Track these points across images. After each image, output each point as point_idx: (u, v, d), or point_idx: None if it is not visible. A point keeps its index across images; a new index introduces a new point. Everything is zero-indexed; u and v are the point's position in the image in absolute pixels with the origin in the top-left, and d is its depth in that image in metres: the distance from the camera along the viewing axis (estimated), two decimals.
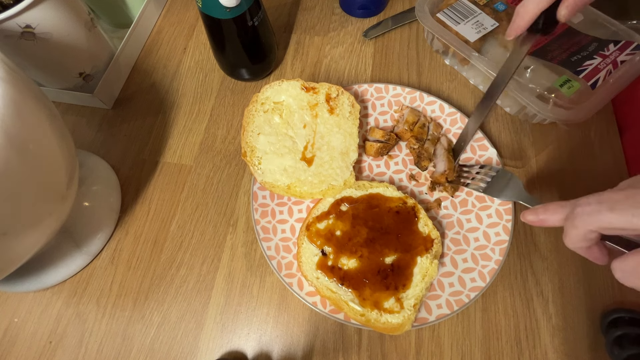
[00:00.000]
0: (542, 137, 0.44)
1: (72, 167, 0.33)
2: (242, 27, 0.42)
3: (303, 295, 0.37)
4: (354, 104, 0.42)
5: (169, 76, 0.52)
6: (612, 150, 0.43)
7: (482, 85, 0.48)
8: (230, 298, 0.39)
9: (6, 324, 0.39)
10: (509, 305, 0.37)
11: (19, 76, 0.28)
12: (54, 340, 0.38)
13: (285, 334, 0.37)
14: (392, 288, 0.35)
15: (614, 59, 0.41)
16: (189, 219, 0.43)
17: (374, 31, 0.53)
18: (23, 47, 0.40)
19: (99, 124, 0.49)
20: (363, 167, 0.44)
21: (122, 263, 0.41)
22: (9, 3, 0.37)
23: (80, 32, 0.44)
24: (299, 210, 0.42)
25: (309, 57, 0.52)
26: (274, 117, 0.41)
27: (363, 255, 0.37)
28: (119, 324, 0.38)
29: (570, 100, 0.40)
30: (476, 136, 0.43)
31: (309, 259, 0.37)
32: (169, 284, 0.40)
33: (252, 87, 0.51)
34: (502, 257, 0.37)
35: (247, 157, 0.40)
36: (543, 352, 0.35)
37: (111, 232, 0.42)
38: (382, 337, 0.37)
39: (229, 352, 0.37)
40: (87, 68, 0.47)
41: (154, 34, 0.56)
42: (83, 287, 0.40)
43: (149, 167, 0.46)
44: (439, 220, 0.40)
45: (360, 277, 0.36)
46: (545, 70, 0.41)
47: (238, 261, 0.41)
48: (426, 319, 0.35)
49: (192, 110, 0.50)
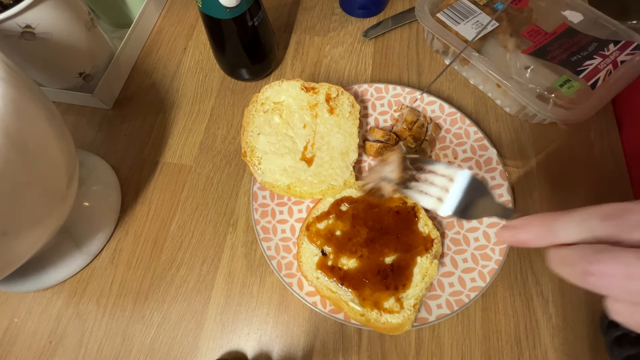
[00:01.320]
0: (542, 137, 0.44)
1: (72, 167, 0.33)
2: (242, 27, 0.42)
3: (303, 295, 0.37)
4: (354, 104, 0.42)
5: (169, 76, 0.52)
6: (612, 150, 0.43)
7: (482, 85, 0.48)
8: (230, 298, 0.39)
9: (6, 324, 0.39)
10: (509, 305, 0.37)
11: (19, 76, 0.28)
12: (54, 340, 0.38)
13: (285, 333, 0.37)
14: (392, 288, 0.35)
15: (614, 59, 0.41)
16: (189, 219, 0.43)
17: (374, 31, 0.53)
18: (23, 47, 0.40)
19: (99, 124, 0.49)
20: (363, 167, 0.44)
21: (122, 263, 0.41)
22: (9, 3, 0.37)
23: (80, 32, 0.44)
24: (299, 210, 0.42)
25: (309, 57, 0.52)
26: (274, 117, 0.41)
27: (363, 255, 0.37)
28: (119, 324, 0.38)
29: (570, 100, 0.40)
30: (476, 136, 0.43)
31: (309, 259, 0.37)
32: (169, 284, 0.40)
33: (252, 87, 0.51)
34: (502, 257, 0.37)
35: (247, 157, 0.40)
36: (543, 352, 0.35)
37: (111, 232, 0.42)
38: (382, 337, 0.37)
39: (229, 352, 0.37)
40: (87, 68, 0.47)
41: (154, 34, 0.56)
42: (83, 287, 0.40)
43: (149, 167, 0.46)
44: (439, 220, 0.40)
45: (360, 277, 0.36)
46: (545, 70, 0.41)
47: (238, 261, 0.41)
48: (426, 319, 0.35)
49: (192, 110, 0.50)
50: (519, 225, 0.20)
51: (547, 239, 0.19)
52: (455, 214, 0.26)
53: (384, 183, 0.31)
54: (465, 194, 0.26)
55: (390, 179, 0.30)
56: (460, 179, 0.26)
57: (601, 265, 0.17)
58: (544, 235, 0.19)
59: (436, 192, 0.27)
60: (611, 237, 0.18)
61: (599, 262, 0.17)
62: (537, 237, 0.20)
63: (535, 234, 0.20)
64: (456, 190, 0.26)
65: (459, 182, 0.26)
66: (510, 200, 0.39)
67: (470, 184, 0.26)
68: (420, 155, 0.32)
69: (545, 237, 0.19)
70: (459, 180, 0.26)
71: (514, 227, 0.21)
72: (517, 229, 0.20)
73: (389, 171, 0.31)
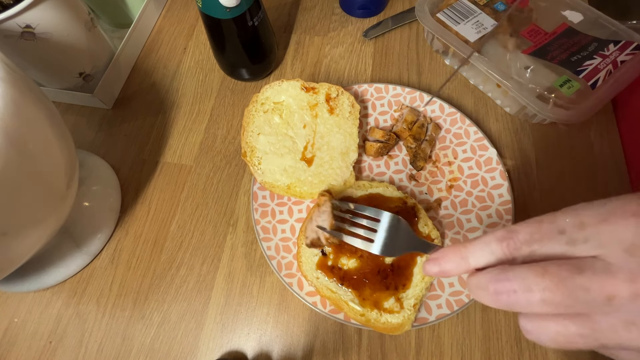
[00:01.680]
0: (542, 137, 0.44)
1: (72, 167, 0.33)
2: (242, 27, 0.42)
3: (303, 295, 0.37)
4: (353, 104, 0.42)
5: (169, 76, 0.52)
6: (612, 150, 0.43)
7: (482, 85, 0.48)
8: (230, 298, 0.39)
9: (6, 324, 0.39)
10: None
11: (19, 76, 0.28)
12: (54, 340, 0.38)
13: (285, 334, 0.37)
14: (392, 288, 0.35)
15: (613, 59, 0.41)
16: (189, 219, 0.43)
17: (374, 31, 0.53)
18: (23, 47, 0.40)
19: (99, 124, 0.49)
20: (363, 167, 0.44)
21: (122, 263, 0.41)
22: (9, 3, 0.37)
23: (80, 32, 0.44)
24: (299, 210, 0.42)
25: (309, 57, 0.52)
26: (273, 117, 0.41)
27: (363, 255, 0.37)
28: (119, 324, 0.38)
29: (570, 100, 0.40)
30: (476, 136, 0.43)
31: (308, 259, 0.37)
32: (169, 284, 0.40)
33: (252, 87, 0.51)
34: None
35: (247, 157, 0.40)
36: (543, 352, 0.35)
37: (111, 232, 0.42)
38: (382, 337, 0.37)
39: (229, 352, 0.37)
40: (87, 68, 0.47)
41: (154, 34, 0.56)
42: (83, 287, 0.40)
43: (149, 167, 0.46)
44: (439, 220, 0.40)
45: (360, 277, 0.36)
46: (545, 70, 0.41)
47: (238, 261, 0.41)
48: (426, 319, 0.35)
49: (192, 110, 0.50)
50: (439, 257, 0.22)
51: (462, 266, 0.21)
52: (382, 253, 0.29)
53: (320, 232, 0.34)
54: (389, 233, 0.30)
55: (324, 227, 0.34)
56: (384, 221, 0.30)
57: (506, 283, 0.18)
58: (459, 263, 0.21)
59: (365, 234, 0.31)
60: (507, 257, 0.20)
61: (504, 280, 0.19)
62: (455, 266, 0.22)
63: (452, 263, 0.22)
64: (381, 231, 0.30)
65: (383, 224, 0.30)
66: (511, 200, 0.39)
67: (393, 224, 0.30)
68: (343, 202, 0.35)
69: (461, 264, 0.21)
70: (383, 222, 0.30)
71: (436, 259, 0.22)
72: (438, 260, 0.22)
73: (322, 220, 0.35)
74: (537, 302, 0.18)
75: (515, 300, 0.18)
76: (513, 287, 0.18)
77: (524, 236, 0.19)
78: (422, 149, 0.42)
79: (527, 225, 0.19)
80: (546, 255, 0.19)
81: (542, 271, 0.18)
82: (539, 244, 0.19)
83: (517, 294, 0.18)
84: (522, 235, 0.19)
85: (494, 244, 0.20)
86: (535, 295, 0.18)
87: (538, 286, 0.17)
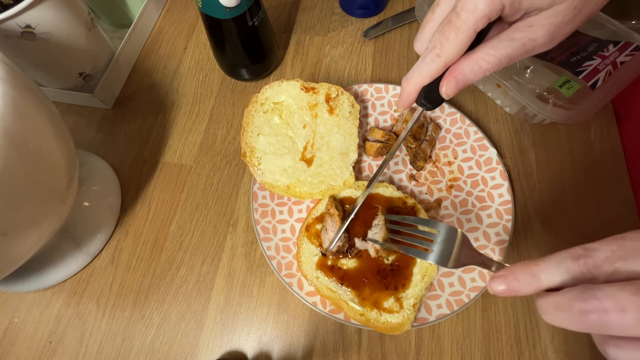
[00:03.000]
0: (542, 137, 0.45)
1: (72, 167, 0.33)
2: (242, 27, 0.42)
3: (303, 295, 0.37)
4: (353, 104, 0.42)
5: (169, 76, 0.52)
6: (612, 150, 0.43)
7: (482, 85, 0.48)
8: (230, 298, 0.39)
9: (6, 324, 0.39)
10: (509, 305, 0.37)
11: (19, 76, 0.28)
12: (54, 340, 0.38)
13: (285, 333, 0.37)
14: (392, 288, 0.35)
15: (613, 60, 0.41)
16: (189, 219, 0.43)
17: (374, 31, 0.53)
18: (23, 47, 0.40)
19: (99, 124, 0.49)
20: (363, 167, 0.44)
21: (122, 263, 0.41)
22: (9, 3, 0.37)
23: (80, 32, 0.44)
24: (299, 210, 0.42)
25: (309, 57, 0.52)
26: (273, 118, 0.41)
27: (362, 255, 0.37)
28: (119, 324, 0.38)
29: (570, 100, 0.40)
30: (476, 136, 0.43)
31: (308, 259, 0.37)
32: (169, 284, 0.40)
33: (252, 87, 0.51)
34: (502, 256, 0.37)
35: (247, 158, 0.40)
36: (543, 352, 0.35)
37: (111, 232, 0.42)
38: (382, 337, 0.37)
39: (229, 352, 0.37)
40: (87, 68, 0.47)
41: (154, 34, 0.56)
42: (83, 287, 0.40)
43: (149, 167, 0.46)
44: (439, 220, 0.40)
45: (359, 277, 0.36)
46: (545, 71, 0.42)
47: (238, 261, 0.41)
48: (426, 319, 0.35)
49: (192, 110, 0.50)
50: (507, 274, 0.21)
51: (533, 285, 0.20)
52: (439, 263, 0.29)
53: (370, 244, 0.36)
54: (446, 244, 0.29)
55: (376, 240, 0.35)
56: (442, 232, 0.29)
57: (594, 302, 0.17)
58: (529, 281, 0.20)
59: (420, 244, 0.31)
60: (586, 275, 0.18)
61: (591, 299, 0.17)
62: (524, 284, 0.20)
63: (521, 281, 0.20)
64: (439, 242, 0.29)
65: (442, 234, 0.29)
66: (511, 200, 0.39)
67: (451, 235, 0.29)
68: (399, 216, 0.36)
69: (531, 282, 0.20)
70: (442, 233, 0.29)
71: (503, 276, 0.21)
72: (505, 278, 0.21)
73: (374, 233, 0.36)
74: (633, 323, 0.16)
75: (606, 321, 0.16)
76: (604, 307, 0.17)
77: (604, 253, 0.18)
78: (422, 149, 0.42)
79: (608, 242, 0.18)
80: (632, 273, 0.17)
81: (635, 289, 0.16)
82: (623, 261, 0.17)
83: (609, 315, 0.16)
84: (603, 253, 0.18)
85: (569, 262, 0.19)
86: (629, 316, 0.16)
87: (633, 305, 0.16)
